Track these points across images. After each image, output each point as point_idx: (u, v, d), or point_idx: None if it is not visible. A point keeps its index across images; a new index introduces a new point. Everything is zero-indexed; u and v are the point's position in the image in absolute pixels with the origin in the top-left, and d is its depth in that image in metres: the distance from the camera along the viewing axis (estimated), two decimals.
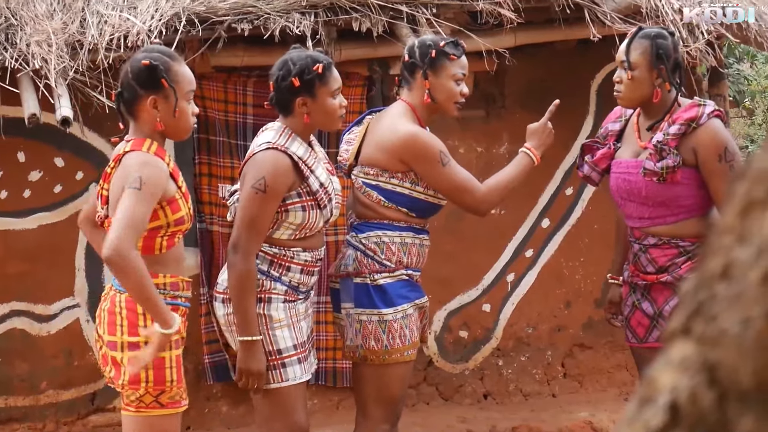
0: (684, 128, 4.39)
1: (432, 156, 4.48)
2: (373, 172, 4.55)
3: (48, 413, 6.29)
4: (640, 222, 4.57)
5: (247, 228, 4.24)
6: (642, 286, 4.63)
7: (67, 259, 6.25)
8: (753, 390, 0.98)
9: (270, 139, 4.30)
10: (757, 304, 0.98)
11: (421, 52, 4.59)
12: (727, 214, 1.07)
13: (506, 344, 6.95)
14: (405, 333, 4.54)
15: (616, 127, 4.75)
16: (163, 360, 4.00)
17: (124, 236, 3.72)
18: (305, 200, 4.32)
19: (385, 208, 4.55)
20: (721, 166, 4.38)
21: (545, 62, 6.76)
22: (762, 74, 13.07)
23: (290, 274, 4.37)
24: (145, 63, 3.99)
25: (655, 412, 1.03)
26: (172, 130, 4.08)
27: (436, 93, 4.57)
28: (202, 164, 6.30)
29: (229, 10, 5.74)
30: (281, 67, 4.36)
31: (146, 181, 3.83)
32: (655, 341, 4.61)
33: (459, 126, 6.63)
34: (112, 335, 4.01)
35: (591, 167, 4.76)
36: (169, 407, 4.05)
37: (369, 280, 4.54)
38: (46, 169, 6.18)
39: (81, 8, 5.83)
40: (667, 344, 1.07)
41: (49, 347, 6.28)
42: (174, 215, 3.99)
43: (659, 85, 4.48)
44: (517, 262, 6.94)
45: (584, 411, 6.66)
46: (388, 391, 4.59)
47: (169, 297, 4.03)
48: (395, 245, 4.55)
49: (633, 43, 4.50)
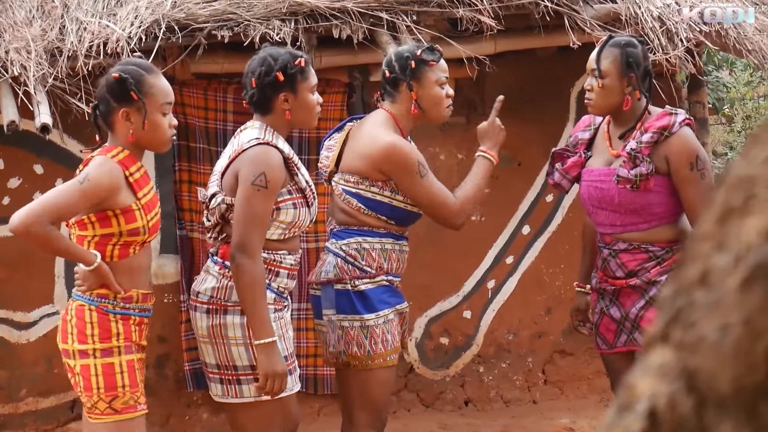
0: (656, 136, 4.43)
1: (410, 167, 4.48)
2: (353, 179, 4.54)
3: (27, 421, 6.26)
4: (612, 229, 4.60)
5: (253, 226, 4.13)
6: (610, 291, 4.66)
7: (46, 266, 6.22)
8: (731, 396, 0.98)
9: (257, 136, 4.24)
10: (735, 311, 0.99)
11: (401, 64, 4.59)
12: (706, 221, 1.08)
13: (487, 351, 6.95)
14: (387, 338, 4.53)
15: (586, 135, 4.78)
16: (112, 365, 4.04)
17: (35, 209, 3.87)
18: (295, 197, 4.26)
19: (365, 216, 4.55)
20: (693, 174, 4.42)
21: (525, 69, 6.78)
22: (741, 81, 13.13)
23: (279, 279, 4.30)
24: (115, 76, 4.05)
25: (634, 419, 1.03)
26: (146, 141, 4.11)
27: (423, 102, 4.58)
28: (182, 171, 6.29)
29: (209, 17, 5.73)
30: (261, 63, 4.32)
31: (91, 179, 3.92)
32: (622, 346, 4.65)
33: (440, 132, 6.64)
34: (65, 343, 4.12)
35: (562, 175, 4.79)
36: (123, 412, 4.07)
37: (350, 286, 4.52)
38: (25, 176, 6.15)
39: (60, 15, 5.81)
40: (646, 351, 1.08)
41: (28, 355, 6.25)
42: (127, 225, 4.02)
43: (629, 93, 4.51)
44: (497, 268, 6.95)
45: (565, 417, 6.67)
46: (373, 396, 4.58)
47: (118, 308, 4.08)
48: (375, 251, 4.55)
49: (603, 51, 4.53)
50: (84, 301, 4.07)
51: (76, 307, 4.08)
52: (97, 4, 5.89)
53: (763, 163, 1.05)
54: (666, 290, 1.09)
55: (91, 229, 4.02)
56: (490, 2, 6.03)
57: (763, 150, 1.06)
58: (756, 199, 1.03)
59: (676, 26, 6.18)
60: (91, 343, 4.03)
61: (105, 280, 4.02)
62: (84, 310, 4.06)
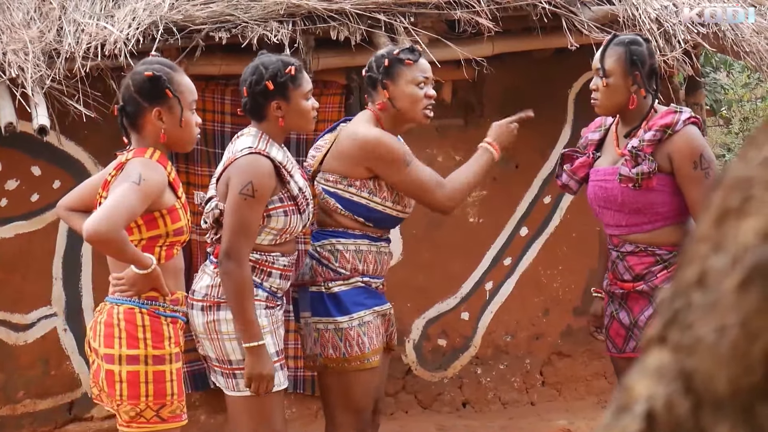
0: (659, 134, 4.40)
1: (393, 156, 4.45)
2: (332, 178, 4.53)
3: (25, 423, 6.26)
4: (618, 230, 4.58)
5: (240, 234, 4.18)
6: (619, 295, 4.63)
7: (44, 268, 6.22)
8: (728, 398, 0.99)
9: (250, 144, 4.27)
10: (733, 312, 0.99)
11: (377, 63, 4.60)
12: (703, 223, 1.08)
13: (485, 352, 6.96)
14: (363, 341, 4.51)
15: (596, 136, 4.76)
16: (163, 373, 3.96)
17: (109, 215, 3.71)
18: (287, 205, 4.29)
19: (341, 216, 4.54)
20: (697, 173, 4.39)
21: (523, 71, 6.78)
22: (738, 83, 13.14)
23: (271, 279, 4.34)
24: (148, 74, 3.97)
25: (631, 420, 1.04)
26: (177, 141, 4.06)
27: (396, 100, 4.55)
28: (179, 172, 6.28)
29: (207, 18, 5.73)
30: (253, 72, 4.35)
31: (145, 179, 3.83)
32: (631, 351, 4.62)
33: (437, 134, 6.64)
34: (109, 348, 3.95)
35: (569, 176, 4.77)
36: (170, 421, 4.00)
37: (323, 288, 4.52)
38: (23, 178, 6.15)
39: (58, 17, 5.82)
40: (643, 352, 1.08)
41: (26, 356, 6.25)
42: (174, 225, 3.97)
43: (635, 92, 4.48)
44: (495, 270, 6.95)
45: (562, 419, 6.67)
46: (352, 398, 4.57)
47: (168, 310, 4.02)
48: (349, 253, 4.53)
49: (607, 50, 4.52)
50: (133, 304, 3.96)
51: (124, 310, 3.95)
52: (94, 6, 5.89)
53: (760, 164, 1.05)
54: (664, 292, 1.09)
55: (138, 232, 3.93)
56: (487, 4, 6.03)
57: (761, 151, 1.06)
58: (753, 200, 1.03)
59: (673, 28, 6.19)
60: (143, 348, 3.93)
61: (156, 284, 3.94)
62: (135, 314, 3.95)
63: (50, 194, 6.14)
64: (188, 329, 6.25)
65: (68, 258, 6.27)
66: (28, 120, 5.43)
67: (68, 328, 6.28)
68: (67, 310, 6.26)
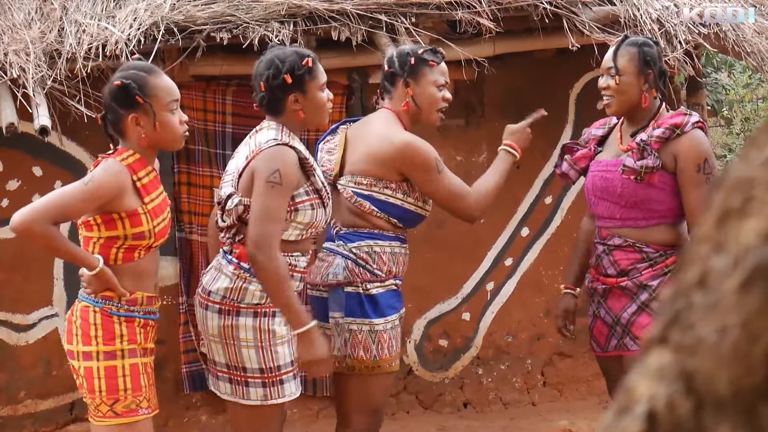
0: (668, 133, 4.44)
1: (428, 164, 4.47)
2: (366, 181, 4.51)
3: (26, 423, 6.26)
4: (611, 222, 4.60)
5: (268, 222, 4.08)
6: (600, 291, 4.65)
7: (45, 268, 6.22)
8: (729, 398, 0.99)
9: (275, 136, 4.21)
10: (734, 313, 0.99)
11: (401, 61, 4.60)
12: (705, 223, 1.08)
13: (486, 353, 6.96)
14: (393, 344, 4.53)
15: (599, 132, 4.80)
16: (115, 369, 4.05)
17: (37, 208, 3.88)
18: (312, 198, 4.23)
19: (376, 218, 4.52)
20: (698, 177, 4.42)
21: (524, 71, 6.78)
22: (740, 84, 13.13)
23: (292, 283, 4.25)
24: (117, 84, 4.06)
25: (632, 421, 1.04)
26: (160, 142, 4.13)
27: (418, 100, 4.58)
28: (181, 173, 6.30)
29: (208, 19, 5.73)
30: (269, 66, 4.27)
31: (95, 180, 3.95)
32: (614, 350, 4.65)
33: (438, 134, 6.64)
34: (69, 343, 4.13)
35: (570, 165, 4.80)
36: (124, 416, 4.08)
37: (361, 289, 4.49)
38: (24, 179, 6.15)
39: (59, 17, 5.82)
40: (644, 352, 1.08)
41: (27, 357, 6.25)
42: (133, 229, 4.03)
43: (646, 91, 4.52)
44: (496, 270, 6.95)
45: (564, 419, 6.67)
46: (373, 400, 4.57)
47: (122, 310, 4.09)
48: (386, 255, 4.53)
49: (620, 50, 4.55)
50: (89, 302, 4.09)
51: (81, 308, 4.11)
52: (95, 7, 5.89)
53: (761, 165, 1.05)
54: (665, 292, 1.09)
55: (97, 230, 4.03)
56: (489, 4, 6.03)
57: (762, 152, 1.06)
58: (754, 201, 1.03)
59: (674, 28, 6.19)
60: (94, 345, 4.05)
61: (108, 284, 4.04)
62: (88, 312, 4.08)
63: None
64: (185, 330, 6.29)
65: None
66: (29, 120, 5.43)
67: None
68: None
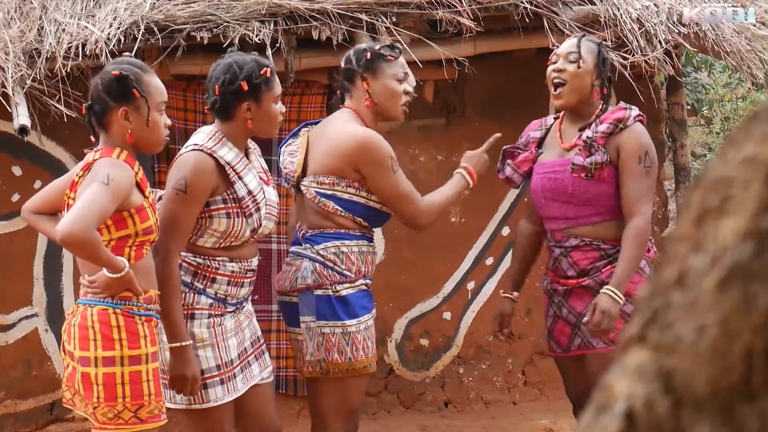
0: (612, 127, 4.50)
1: (383, 159, 4.41)
2: (328, 180, 4.45)
3: (6, 423, 6.24)
4: (565, 222, 4.61)
5: (167, 229, 4.06)
6: (561, 292, 4.66)
7: (25, 268, 6.20)
8: (708, 397, 0.99)
9: (198, 142, 4.17)
10: (712, 312, 0.99)
11: (357, 57, 4.56)
12: (683, 222, 1.08)
13: (467, 352, 6.96)
14: (368, 345, 4.47)
15: (538, 134, 4.85)
16: (140, 374, 3.91)
17: (82, 216, 3.66)
18: (230, 207, 4.16)
19: (341, 218, 4.46)
20: (639, 168, 4.48)
21: (505, 71, 6.79)
22: (719, 83, 13.17)
23: (216, 285, 4.20)
24: (116, 74, 3.93)
25: (611, 420, 1.04)
26: (144, 141, 4.00)
27: (377, 95, 4.52)
28: (161, 173, 6.28)
29: (188, 18, 5.72)
30: (226, 70, 4.22)
31: (114, 179, 3.77)
32: (577, 349, 4.66)
33: (419, 134, 6.65)
34: (85, 350, 3.91)
35: (513, 169, 4.82)
36: (149, 422, 3.95)
37: (331, 291, 4.42)
38: (4, 178, 6.13)
39: (39, 16, 5.80)
40: (623, 352, 1.08)
41: (6, 357, 6.23)
42: (143, 224, 3.91)
43: (598, 86, 4.60)
44: (477, 269, 6.96)
45: (545, 418, 6.68)
46: (349, 402, 4.52)
47: (142, 309, 3.96)
48: (354, 255, 4.47)
49: (582, 41, 4.63)
50: (107, 305, 3.90)
51: (98, 312, 3.90)
52: (75, 6, 5.87)
53: (739, 164, 1.06)
54: (643, 291, 1.09)
55: (107, 233, 3.87)
56: (469, 4, 6.04)
57: (740, 151, 1.07)
58: (732, 200, 1.03)
59: (654, 28, 6.21)
60: (119, 349, 3.87)
61: (129, 285, 3.88)
62: (108, 315, 3.90)
63: (31, 194, 6.01)
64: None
65: (49, 258, 6.25)
66: (8, 120, 5.41)
67: (49, 329, 6.26)
68: (49, 311, 6.24)
